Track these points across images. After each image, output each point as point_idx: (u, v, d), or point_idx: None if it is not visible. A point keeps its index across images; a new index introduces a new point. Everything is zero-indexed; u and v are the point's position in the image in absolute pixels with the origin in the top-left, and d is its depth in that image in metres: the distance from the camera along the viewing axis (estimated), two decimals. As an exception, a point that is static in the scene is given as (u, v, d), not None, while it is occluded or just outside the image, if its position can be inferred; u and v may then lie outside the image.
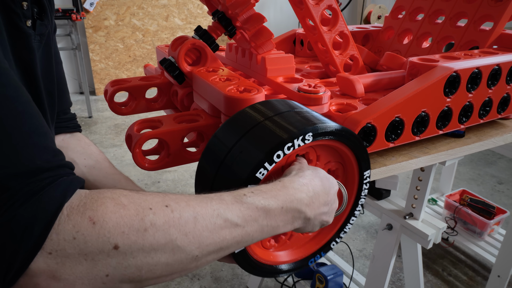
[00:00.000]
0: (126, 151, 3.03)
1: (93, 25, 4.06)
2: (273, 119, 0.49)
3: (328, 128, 0.49)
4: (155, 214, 0.35)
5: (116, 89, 0.83)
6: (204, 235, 0.38)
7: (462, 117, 0.77)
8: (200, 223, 0.37)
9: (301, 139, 0.47)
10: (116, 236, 0.34)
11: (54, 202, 0.33)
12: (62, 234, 0.32)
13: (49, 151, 0.37)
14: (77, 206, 0.34)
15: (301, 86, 0.67)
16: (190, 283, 1.79)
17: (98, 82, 4.29)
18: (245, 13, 0.75)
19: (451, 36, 0.97)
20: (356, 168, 0.57)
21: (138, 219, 0.35)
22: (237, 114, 0.53)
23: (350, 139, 0.52)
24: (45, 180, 0.34)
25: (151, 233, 0.35)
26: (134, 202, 0.36)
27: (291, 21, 4.73)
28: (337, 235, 0.61)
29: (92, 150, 0.75)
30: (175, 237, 0.36)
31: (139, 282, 0.37)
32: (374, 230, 2.19)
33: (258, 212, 0.41)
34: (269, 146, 0.46)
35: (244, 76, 0.88)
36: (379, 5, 3.47)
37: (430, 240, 1.00)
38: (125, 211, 0.34)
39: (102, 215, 0.34)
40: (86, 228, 0.33)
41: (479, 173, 2.81)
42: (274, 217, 0.43)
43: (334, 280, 1.46)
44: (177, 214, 0.37)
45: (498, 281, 1.55)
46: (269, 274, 0.55)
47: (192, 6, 4.47)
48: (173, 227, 0.36)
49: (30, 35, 0.51)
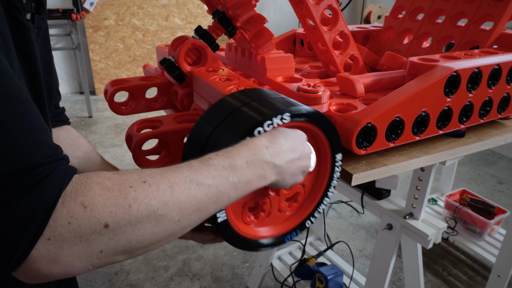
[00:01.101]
0: (126, 151, 3.03)
1: (93, 25, 4.06)
2: (255, 102, 0.55)
3: (303, 110, 0.54)
4: (136, 191, 0.39)
5: (116, 89, 0.83)
6: (182, 200, 0.42)
7: (462, 117, 0.77)
8: (176, 191, 0.41)
9: (279, 118, 0.52)
10: (105, 216, 0.37)
11: (51, 193, 0.36)
12: (58, 221, 0.36)
13: (47, 146, 0.40)
14: (69, 193, 0.37)
15: (300, 85, 0.68)
16: (190, 283, 1.79)
17: (98, 82, 4.29)
18: (245, 14, 0.75)
19: (451, 36, 0.97)
20: (329, 151, 0.61)
21: (122, 197, 0.39)
22: (219, 101, 0.58)
23: (323, 122, 0.57)
24: (43, 173, 0.37)
25: (135, 208, 0.39)
26: (117, 183, 0.39)
27: (291, 21, 4.73)
28: (312, 215, 0.65)
29: (80, 142, 0.77)
30: (156, 208, 0.40)
31: (130, 252, 0.41)
32: (374, 230, 2.19)
33: (226, 171, 0.45)
34: (252, 122, 0.50)
35: (244, 76, 0.88)
36: (379, 5, 3.47)
37: (430, 240, 1.00)
38: (110, 193, 0.38)
39: (91, 199, 0.37)
40: (78, 212, 0.37)
41: (479, 173, 2.81)
42: (242, 172, 0.46)
43: (334, 280, 1.46)
44: (154, 187, 0.40)
45: (498, 281, 1.55)
46: (251, 248, 0.59)
47: (192, 6, 4.47)
48: (153, 199, 0.40)
49: (29, 27, 0.53)
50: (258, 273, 1.70)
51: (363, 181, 0.66)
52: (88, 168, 0.74)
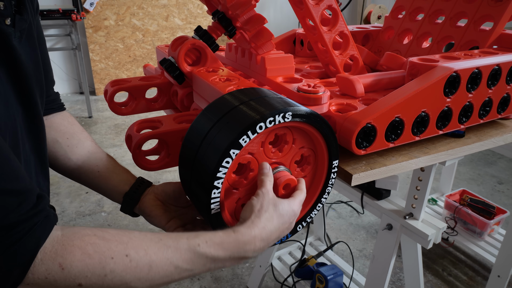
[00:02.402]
0: (126, 151, 3.03)
1: (93, 25, 4.06)
2: (255, 100, 0.55)
3: (304, 111, 0.54)
4: (115, 264, 0.42)
5: (116, 89, 0.83)
6: (156, 279, 0.45)
7: (462, 117, 0.77)
8: (153, 271, 0.45)
9: (282, 116, 0.52)
10: (80, 279, 0.41)
11: (29, 253, 0.39)
12: (36, 274, 0.39)
13: (22, 198, 0.41)
14: (49, 251, 0.40)
15: (300, 86, 0.68)
16: (190, 283, 1.79)
17: (98, 82, 4.29)
18: (245, 14, 0.75)
19: (451, 36, 0.97)
20: (326, 156, 0.61)
21: (100, 267, 0.41)
22: (217, 99, 0.58)
23: (323, 126, 0.57)
24: (21, 232, 0.39)
25: (109, 277, 0.42)
26: (99, 251, 0.42)
27: (291, 21, 4.73)
28: (304, 219, 0.65)
29: (75, 129, 0.77)
30: (129, 281, 0.43)
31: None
32: (374, 230, 2.19)
33: (207, 259, 0.48)
34: (251, 119, 0.51)
35: (244, 76, 0.88)
36: (379, 5, 3.47)
37: (430, 240, 1.00)
38: (90, 260, 0.41)
39: (70, 263, 0.40)
40: (56, 272, 0.40)
41: (479, 173, 2.81)
42: (221, 262, 0.50)
43: (334, 280, 1.46)
44: (134, 264, 0.43)
45: (498, 281, 1.55)
46: None
47: (192, 6, 4.47)
48: (129, 274, 0.43)
49: (10, 34, 0.51)
50: (258, 273, 1.70)
51: (363, 181, 0.66)
52: (81, 157, 0.73)
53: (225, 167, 0.51)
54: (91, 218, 2.25)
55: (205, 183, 0.52)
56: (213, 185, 0.52)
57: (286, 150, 0.58)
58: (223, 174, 0.51)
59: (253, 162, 0.56)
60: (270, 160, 0.58)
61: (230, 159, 0.51)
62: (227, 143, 0.50)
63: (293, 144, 0.59)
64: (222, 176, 0.51)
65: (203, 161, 0.53)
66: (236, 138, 0.50)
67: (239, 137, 0.50)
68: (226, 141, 0.50)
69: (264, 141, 0.56)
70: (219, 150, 0.50)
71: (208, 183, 0.51)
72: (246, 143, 0.51)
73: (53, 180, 2.64)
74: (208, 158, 0.52)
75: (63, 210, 2.32)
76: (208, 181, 0.51)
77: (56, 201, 2.41)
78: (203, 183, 0.52)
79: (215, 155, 0.51)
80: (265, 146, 0.56)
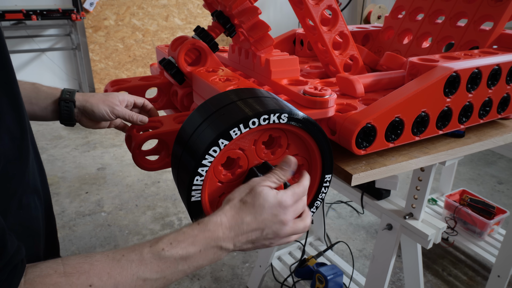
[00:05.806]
0: (126, 151, 3.03)
1: (93, 25, 4.06)
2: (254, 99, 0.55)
3: (301, 116, 0.53)
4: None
5: (116, 89, 0.83)
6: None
7: (462, 117, 0.77)
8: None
9: (277, 116, 0.52)
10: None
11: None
12: None
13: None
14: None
15: (306, 88, 0.67)
16: (190, 283, 1.79)
17: (98, 82, 4.29)
18: (239, 6, 0.75)
19: (451, 36, 0.97)
20: (319, 168, 0.59)
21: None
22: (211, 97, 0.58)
23: (319, 136, 0.56)
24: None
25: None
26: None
27: (291, 21, 4.73)
28: None
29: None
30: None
31: None
32: (374, 230, 2.19)
33: (177, 262, 0.46)
34: (245, 114, 0.51)
35: (244, 76, 0.88)
36: (379, 5, 3.47)
37: (430, 240, 1.00)
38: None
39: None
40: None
41: (479, 173, 2.81)
42: (194, 260, 0.47)
43: (334, 280, 1.46)
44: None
45: (498, 281, 1.55)
46: None
47: (192, 6, 4.47)
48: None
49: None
50: (258, 273, 1.70)
51: (362, 181, 0.66)
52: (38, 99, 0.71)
53: (211, 155, 0.51)
54: (91, 218, 2.25)
55: (190, 167, 0.52)
56: (197, 171, 0.51)
57: (279, 153, 0.57)
58: (209, 162, 0.51)
59: (243, 159, 0.55)
60: (261, 160, 0.57)
61: (218, 148, 0.51)
62: (217, 132, 0.50)
63: (286, 149, 0.57)
64: (208, 164, 0.51)
65: (193, 146, 0.53)
66: (227, 128, 0.50)
67: (230, 128, 0.50)
68: (217, 131, 0.50)
69: (257, 139, 0.55)
70: (208, 137, 0.51)
71: (193, 168, 0.51)
72: (237, 135, 0.51)
73: (53, 180, 2.63)
74: (197, 145, 0.52)
75: (63, 210, 2.32)
76: (193, 166, 0.51)
77: (56, 201, 2.41)
78: (188, 167, 0.52)
79: (204, 142, 0.51)
80: (257, 144, 0.55)
